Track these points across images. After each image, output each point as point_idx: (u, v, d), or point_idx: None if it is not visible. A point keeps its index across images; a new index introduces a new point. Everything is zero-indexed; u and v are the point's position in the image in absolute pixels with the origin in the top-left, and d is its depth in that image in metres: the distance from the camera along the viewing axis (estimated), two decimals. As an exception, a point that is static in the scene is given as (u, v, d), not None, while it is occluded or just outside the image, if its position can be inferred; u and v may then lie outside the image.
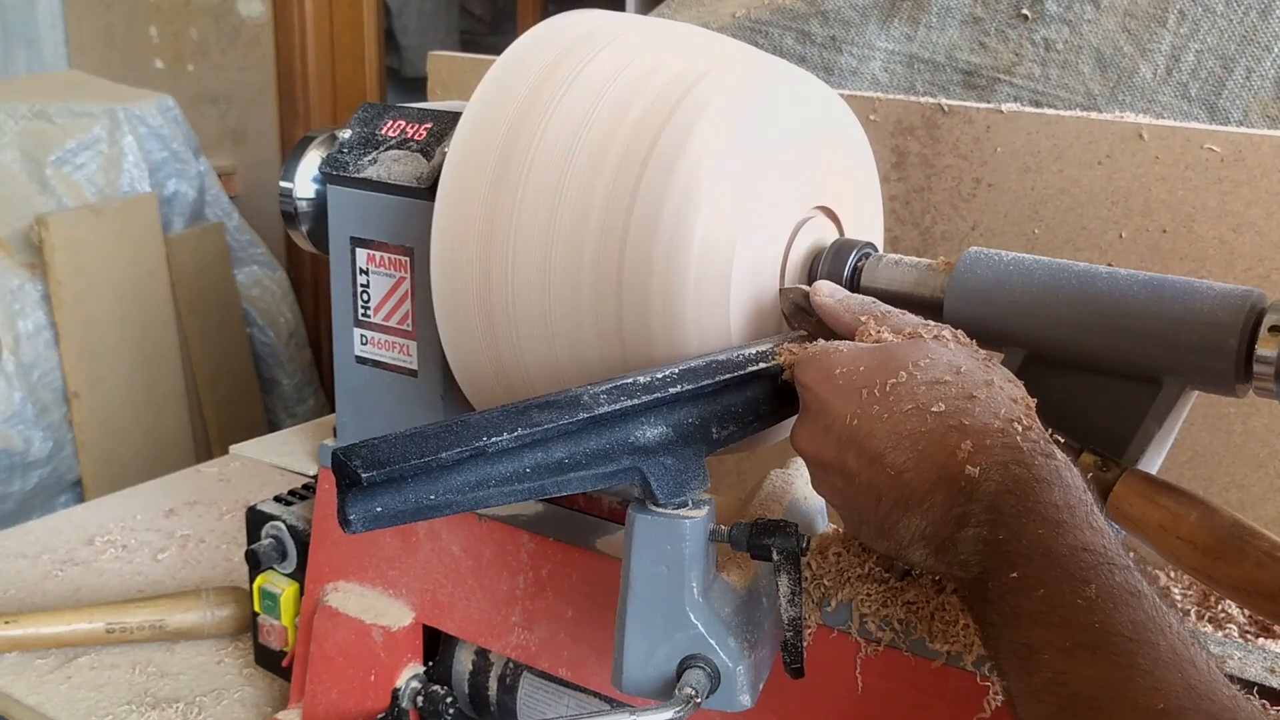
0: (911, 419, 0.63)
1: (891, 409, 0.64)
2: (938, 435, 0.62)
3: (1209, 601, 1.06)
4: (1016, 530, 0.58)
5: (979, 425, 0.62)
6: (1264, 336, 0.67)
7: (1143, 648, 0.52)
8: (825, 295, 0.76)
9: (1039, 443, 0.61)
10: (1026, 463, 0.60)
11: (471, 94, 0.83)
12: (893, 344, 0.68)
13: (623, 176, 0.76)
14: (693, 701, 0.68)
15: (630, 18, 0.91)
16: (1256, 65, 1.20)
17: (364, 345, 0.94)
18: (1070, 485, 0.59)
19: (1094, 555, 0.56)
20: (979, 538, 0.59)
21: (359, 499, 0.64)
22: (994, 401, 0.63)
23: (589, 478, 0.68)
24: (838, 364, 0.68)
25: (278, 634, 1.08)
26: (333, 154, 0.92)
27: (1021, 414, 0.63)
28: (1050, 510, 0.58)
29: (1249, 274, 1.06)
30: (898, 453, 0.63)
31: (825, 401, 0.67)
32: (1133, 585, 0.55)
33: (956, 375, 0.65)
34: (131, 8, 3.28)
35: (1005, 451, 0.60)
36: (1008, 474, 0.60)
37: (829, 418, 0.67)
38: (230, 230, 2.90)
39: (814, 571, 0.79)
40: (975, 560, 0.60)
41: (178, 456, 2.62)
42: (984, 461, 0.60)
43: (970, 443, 0.61)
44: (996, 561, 0.58)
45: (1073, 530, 0.57)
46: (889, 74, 1.37)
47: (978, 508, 0.60)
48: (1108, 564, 0.56)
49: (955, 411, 0.63)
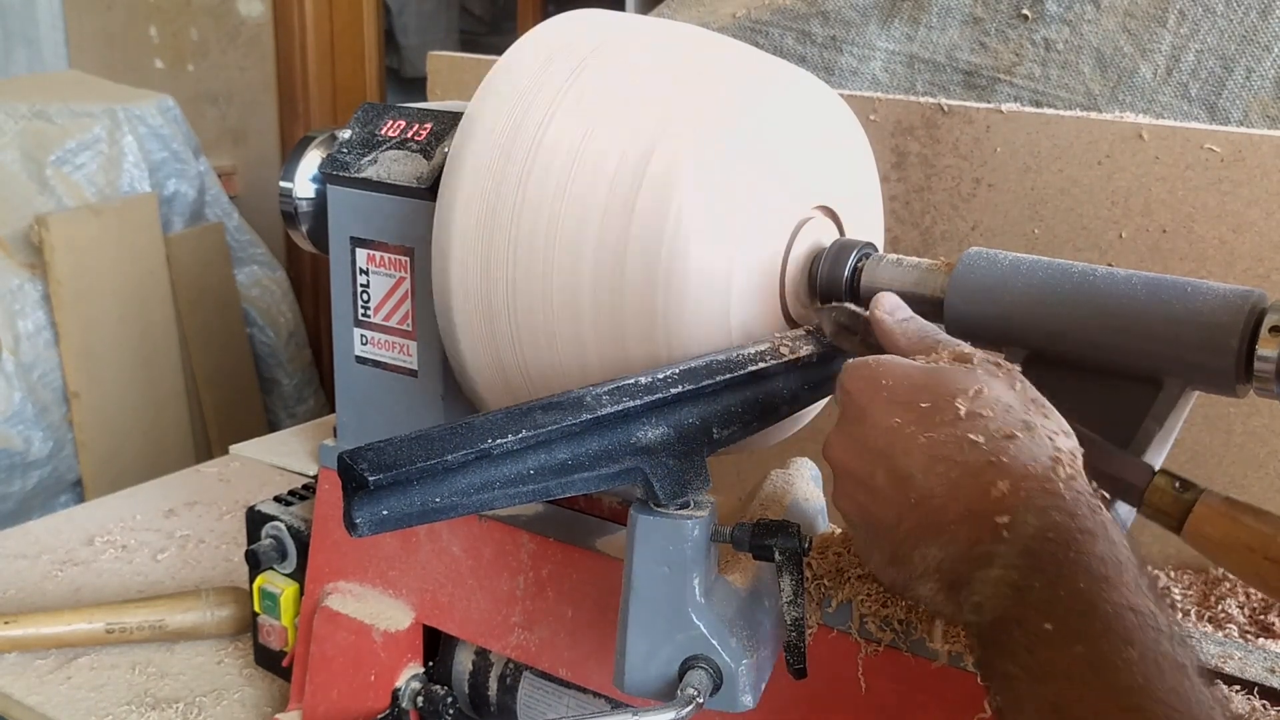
0: (949, 446, 0.61)
1: (931, 432, 0.61)
2: (974, 468, 0.59)
3: (1209, 601, 1.06)
4: (1055, 579, 0.55)
5: (1018, 465, 0.59)
6: (1264, 336, 0.67)
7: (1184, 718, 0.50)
8: (885, 313, 0.72)
9: (1084, 495, 0.58)
10: (1069, 511, 0.57)
11: (471, 94, 0.83)
12: (945, 368, 0.65)
13: (624, 176, 0.76)
14: (695, 702, 0.68)
15: (630, 18, 0.91)
16: (1256, 65, 1.20)
17: (364, 345, 0.94)
18: (1116, 542, 0.56)
19: (1140, 617, 0.53)
20: (1004, 580, 0.56)
21: (365, 502, 0.64)
22: (1035, 445, 0.60)
23: (592, 479, 0.68)
24: (885, 376, 0.65)
25: (278, 634, 1.08)
26: (333, 154, 0.92)
27: (1067, 461, 0.59)
28: (1095, 564, 0.54)
29: (1249, 274, 1.06)
30: (929, 477, 0.60)
31: (865, 410, 0.65)
32: (1179, 656, 0.52)
33: (1000, 410, 0.61)
34: (131, 8, 3.28)
35: (1045, 496, 0.57)
36: (1047, 520, 0.56)
37: (865, 428, 0.64)
38: (230, 230, 2.89)
39: (814, 571, 0.79)
40: (993, 604, 0.56)
41: (178, 456, 2.62)
42: (1019, 503, 0.57)
43: (1007, 483, 0.58)
44: (1024, 611, 0.55)
45: (1118, 588, 0.54)
46: (889, 74, 1.37)
47: (1008, 550, 0.57)
48: (1155, 629, 0.53)
49: (994, 449, 0.60)
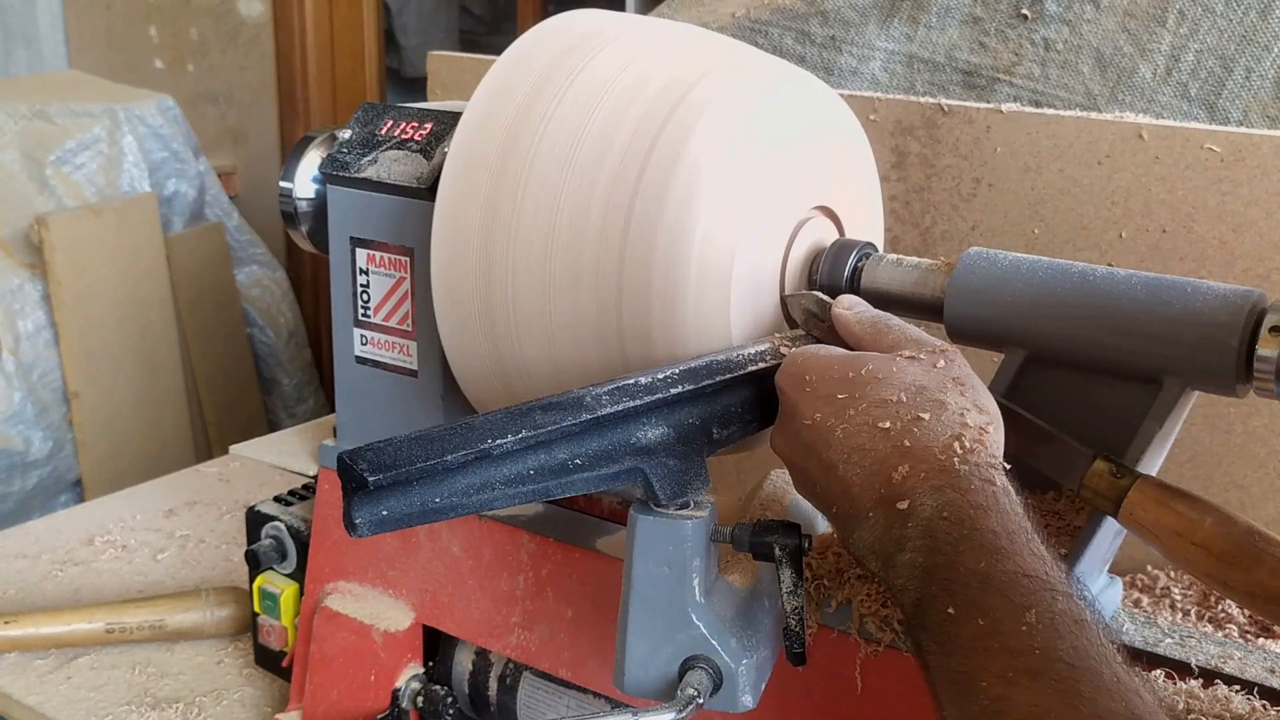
0: (863, 433, 0.63)
1: (848, 421, 0.63)
2: (881, 455, 0.61)
3: (1209, 601, 1.06)
4: (952, 558, 0.57)
5: (919, 448, 0.61)
6: (1264, 336, 0.67)
7: (1085, 675, 0.51)
8: (844, 308, 0.74)
9: (979, 466, 0.60)
10: (962, 488, 0.58)
11: (471, 94, 0.83)
12: (864, 355, 0.67)
13: (622, 178, 0.76)
14: (695, 702, 0.68)
15: (629, 18, 0.91)
16: (1256, 65, 1.20)
17: (364, 345, 0.94)
18: (1008, 512, 0.58)
19: (1034, 581, 0.54)
20: (914, 564, 0.58)
21: (365, 502, 0.64)
22: (940, 424, 0.62)
23: (592, 479, 0.68)
24: (810, 369, 0.68)
25: (278, 634, 1.08)
26: (333, 154, 0.92)
27: (969, 437, 0.61)
28: (988, 537, 0.56)
29: (1249, 274, 1.06)
30: (848, 467, 0.63)
31: (796, 406, 0.67)
32: (1076, 613, 0.54)
33: (912, 394, 0.63)
34: (131, 8, 3.27)
35: (940, 475, 0.59)
36: (942, 499, 0.58)
37: (797, 422, 0.67)
38: (230, 230, 2.89)
39: (814, 571, 0.79)
40: (913, 586, 0.58)
41: (178, 456, 2.62)
42: (918, 485, 0.59)
43: (908, 466, 0.60)
44: (932, 589, 0.57)
45: (1012, 557, 0.56)
46: (889, 74, 1.37)
47: (913, 532, 0.58)
48: (1049, 590, 0.54)
49: (900, 432, 0.62)
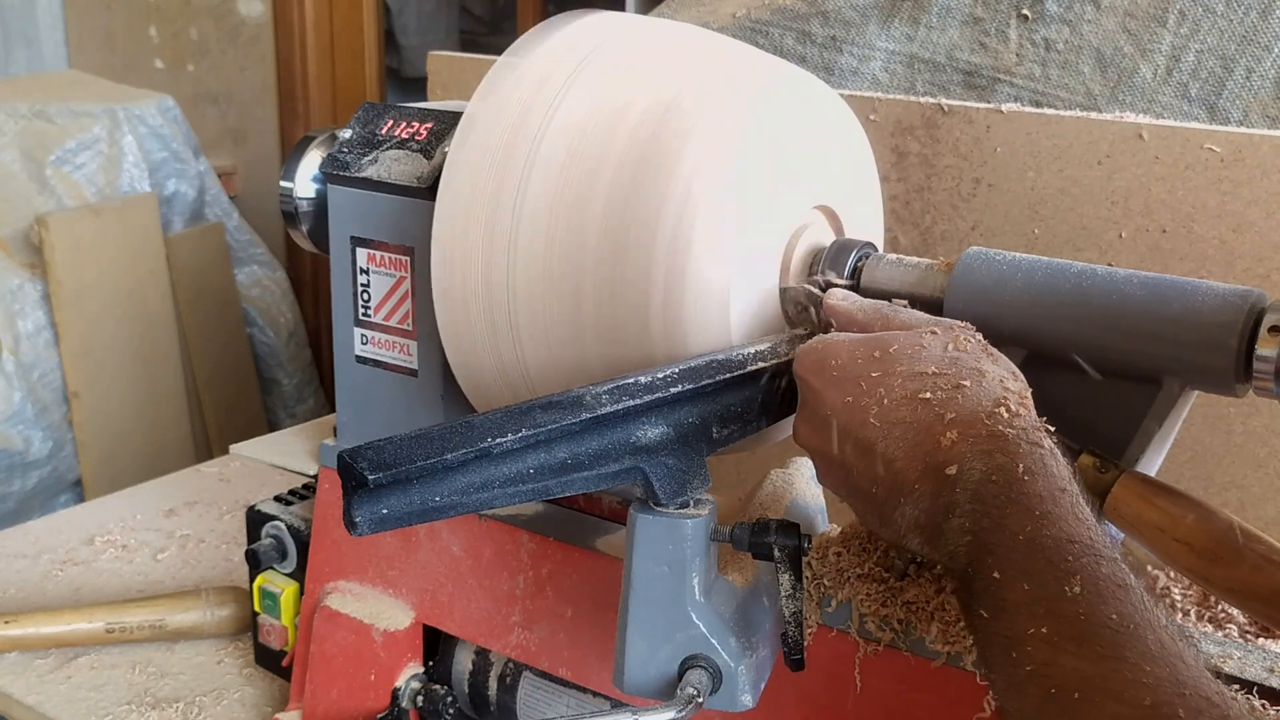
0: (901, 408, 0.63)
1: (882, 399, 0.64)
2: (925, 424, 0.62)
3: (1209, 601, 1.06)
4: (1000, 521, 0.57)
5: (965, 415, 0.62)
6: (1264, 336, 0.67)
7: (1130, 640, 0.52)
8: (838, 300, 0.76)
9: (1026, 430, 0.61)
10: (1010, 451, 0.59)
11: (471, 94, 0.83)
12: (886, 335, 0.68)
13: (622, 178, 0.76)
14: (694, 701, 0.68)
15: (630, 18, 0.91)
16: (1256, 65, 1.20)
17: (364, 345, 0.94)
18: (1055, 474, 0.59)
19: (1079, 547, 0.55)
20: (963, 528, 0.59)
21: (365, 501, 0.64)
22: (982, 391, 0.63)
23: (592, 478, 0.68)
24: (832, 355, 0.68)
25: (278, 634, 1.08)
26: (333, 154, 0.92)
27: (1013, 402, 0.62)
28: (1034, 501, 0.57)
29: (1249, 274, 1.06)
30: (888, 442, 0.63)
31: (820, 393, 0.68)
32: (1120, 578, 0.54)
33: (948, 365, 0.65)
34: (131, 8, 3.28)
35: (989, 440, 0.60)
36: (991, 463, 0.59)
37: (824, 409, 0.67)
38: (230, 230, 2.89)
39: (814, 571, 0.79)
40: (962, 551, 0.59)
41: (178, 456, 2.62)
42: (967, 450, 0.60)
43: (955, 432, 0.61)
44: (980, 553, 0.58)
45: (1057, 521, 0.56)
46: (889, 74, 1.37)
47: (962, 497, 0.59)
48: (1094, 555, 0.55)
49: (943, 401, 0.63)
